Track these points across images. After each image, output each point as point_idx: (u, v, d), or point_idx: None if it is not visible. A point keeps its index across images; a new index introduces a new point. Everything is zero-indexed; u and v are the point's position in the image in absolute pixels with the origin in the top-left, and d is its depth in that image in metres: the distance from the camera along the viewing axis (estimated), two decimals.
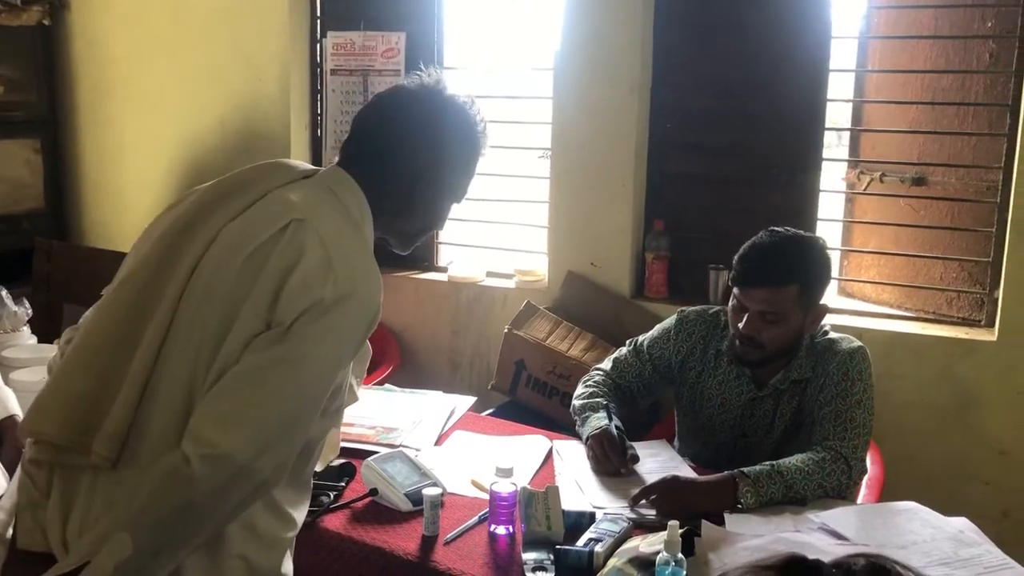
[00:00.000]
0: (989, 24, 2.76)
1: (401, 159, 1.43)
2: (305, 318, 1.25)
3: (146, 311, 1.28)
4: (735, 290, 2.04)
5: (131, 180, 4.06)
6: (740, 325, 2.01)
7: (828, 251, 2.09)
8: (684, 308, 2.28)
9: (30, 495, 1.34)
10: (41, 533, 1.31)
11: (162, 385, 1.26)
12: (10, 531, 1.38)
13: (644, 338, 2.30)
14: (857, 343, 2.08)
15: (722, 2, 3.04)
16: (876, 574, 0.75)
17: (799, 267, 1.99)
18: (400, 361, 3.41)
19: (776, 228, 2.05)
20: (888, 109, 3.01)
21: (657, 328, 2.29)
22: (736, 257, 2.04)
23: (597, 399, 2.18)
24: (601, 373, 2.29)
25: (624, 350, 2.32)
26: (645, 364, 2.26)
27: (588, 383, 2.27)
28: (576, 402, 2.22)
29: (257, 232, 1.30)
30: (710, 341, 2.19)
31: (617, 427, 2.05)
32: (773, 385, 2.09)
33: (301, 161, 1.50)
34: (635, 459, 2.02)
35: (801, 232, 2.09)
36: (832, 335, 2.11)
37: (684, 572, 1.47)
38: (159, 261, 1.32)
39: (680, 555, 1.48)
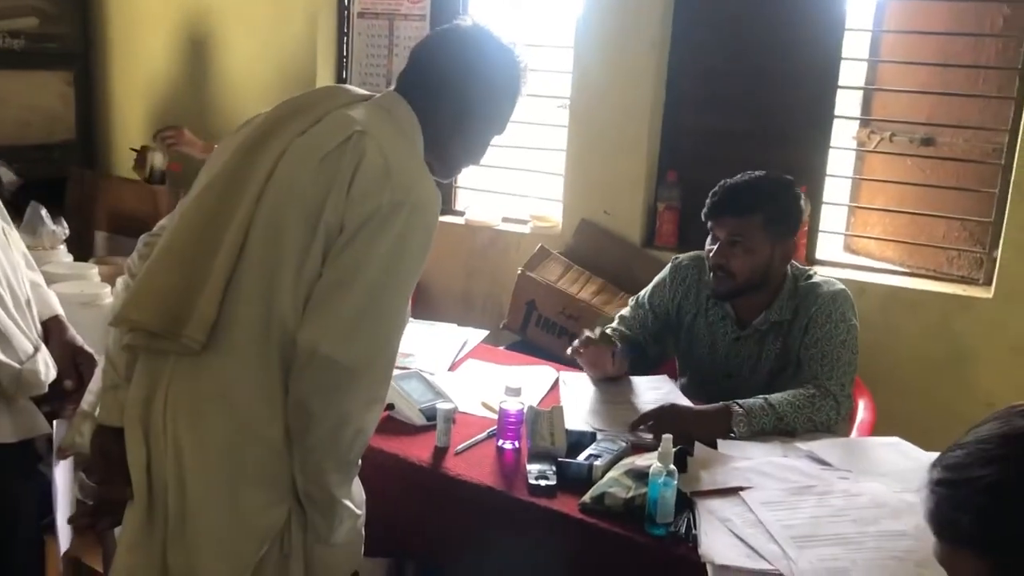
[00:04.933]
0: None
1: (454, 90, 1.57)
2: (369, 225, 1.38)
3: (226, 215, 1.42)
4: (709, 224, 2.18)
5: (159, 114, 4.16)
6: (711, 255, 2.14)
7: (799, 193, 2.21)
8: (678, 255, 2.39)
9: (112, 379, 1.53)
10: (120, 410, 1.49)
11: (244, 279, 1.41)
12: (97, 410, 1.58)
13: (643, 292, 2.43)
14: (839, 285, 2.17)
15: None
16: None
17: (763, 199, 2.13)
18: (415, 300, 3.51)
19: (752, 172, 2.18)
20: (901, 70, 3.07)
21: (655, 279, 2.41)
22: (709, 194, 2.18)
23: None
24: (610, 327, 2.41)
25: (626, 308, 2.45)
26: (647, 313, 2.38)
27: None
28: None
29: (325, 142, 1.44)
30: (702, 284, 2.29)
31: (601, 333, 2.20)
32: (755, 326, 2.19)
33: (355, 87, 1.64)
34: (619, 353, 2.17)
35: (775, 173, 2.21)
36: (816, 279, 2.20)
37: (675, 482, 1.59)
38: (236, 170, 1.46)
39: (672, 466, 1.59)
